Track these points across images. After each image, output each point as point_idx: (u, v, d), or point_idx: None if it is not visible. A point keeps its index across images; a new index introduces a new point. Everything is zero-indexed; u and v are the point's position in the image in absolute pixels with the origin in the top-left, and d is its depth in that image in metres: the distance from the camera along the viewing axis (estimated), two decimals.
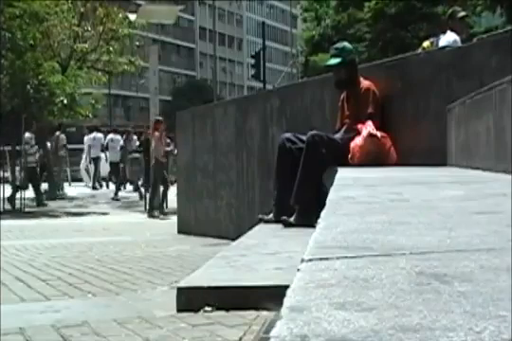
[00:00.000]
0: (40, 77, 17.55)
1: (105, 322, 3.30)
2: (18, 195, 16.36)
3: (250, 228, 5.55)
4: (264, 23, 34.69)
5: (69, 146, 22.09)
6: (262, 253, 4.11)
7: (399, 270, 1.19)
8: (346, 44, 6.13)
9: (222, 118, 9.00)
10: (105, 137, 22.81)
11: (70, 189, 21.71)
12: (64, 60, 19.62)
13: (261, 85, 30.17)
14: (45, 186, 18.98)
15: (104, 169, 23.18)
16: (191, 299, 3.22)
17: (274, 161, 5.89)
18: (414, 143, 5.72)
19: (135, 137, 20.72)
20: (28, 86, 17.55)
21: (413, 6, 28.87)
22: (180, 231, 9.84)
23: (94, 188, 23.07)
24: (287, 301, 0.98)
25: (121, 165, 20.75)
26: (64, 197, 19.64)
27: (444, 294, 1.00)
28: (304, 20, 38.25)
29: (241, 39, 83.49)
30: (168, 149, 14.65)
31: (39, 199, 17.52)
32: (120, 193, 19.87)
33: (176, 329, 2.99)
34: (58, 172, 20.49)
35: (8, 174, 18.94)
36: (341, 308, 0.94)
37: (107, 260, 6.40)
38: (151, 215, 13.39)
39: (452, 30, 7.72)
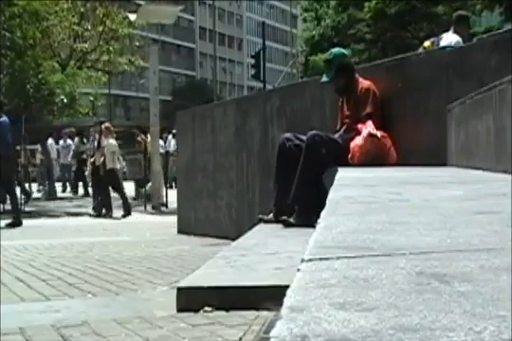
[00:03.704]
0: (40, 76, 17.54)
1: (105, 322, 3.30)
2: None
3: (250, 228, 5.55)
4: (264, 23, 34.62)
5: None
6: (262, 253, 4.11)
7: (399, 270, 1.19)
8: (335, 50, 6.00)
9: (222, 118, 9.00)
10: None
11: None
12: (63, 59, 19.62)
13: (261, 85, 30.13)
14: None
15: None
16: (191, 299, 3.22)
17: (274, 161, 5.89)
18: (414, 143, 5.72)
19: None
20: (28, 86, 17.55)
21: (414, 6, 28.92)
22: (180, 231, 9.83)
23: None
24: (287, 301, 0.98)
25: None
26: None
27: (444, 294, 1.00)
28: (304, 20, 38.34)
29: (241, 39, 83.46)
30: None
31: None
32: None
33: (176, 329, 2.99)
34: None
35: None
36: (341, 308, 0.94)
37: (107, 260, 6.40)
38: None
39: (455, 32, 7.72)
